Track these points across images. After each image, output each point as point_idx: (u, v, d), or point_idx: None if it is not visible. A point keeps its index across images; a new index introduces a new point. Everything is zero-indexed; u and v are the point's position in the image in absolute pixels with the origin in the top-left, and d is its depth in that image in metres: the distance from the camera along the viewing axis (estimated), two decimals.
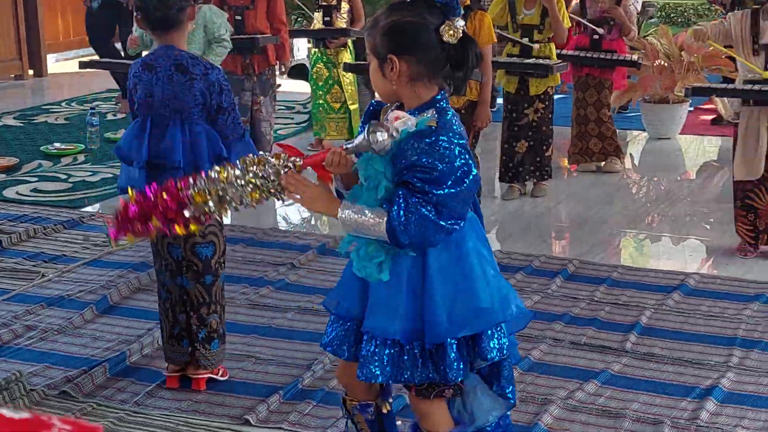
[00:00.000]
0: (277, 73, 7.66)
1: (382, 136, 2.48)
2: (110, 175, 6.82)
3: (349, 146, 2.68)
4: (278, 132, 8.10)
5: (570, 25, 6.56)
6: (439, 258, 2.67)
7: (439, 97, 2.71)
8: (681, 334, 4.50)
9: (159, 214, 2.72)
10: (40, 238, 5.84)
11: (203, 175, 2.75)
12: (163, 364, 4.04)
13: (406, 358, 2.69)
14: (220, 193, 2.71)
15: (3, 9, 10.63)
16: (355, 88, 7.97)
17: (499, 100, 7.23)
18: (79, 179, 7.07)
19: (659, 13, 12.09)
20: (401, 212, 2.53)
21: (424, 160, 2.56)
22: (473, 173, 2.66)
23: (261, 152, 2.96)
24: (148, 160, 3.73)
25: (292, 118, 9.05)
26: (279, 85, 8.10)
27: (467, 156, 2.65)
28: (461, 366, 2.66)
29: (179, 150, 3.72)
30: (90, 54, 9.98)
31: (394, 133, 2.49)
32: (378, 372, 2.69)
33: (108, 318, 4.73)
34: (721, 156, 7.54)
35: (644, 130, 8.21)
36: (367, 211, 2.61)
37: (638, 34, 8.00)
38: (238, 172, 2.70)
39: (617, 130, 7.34)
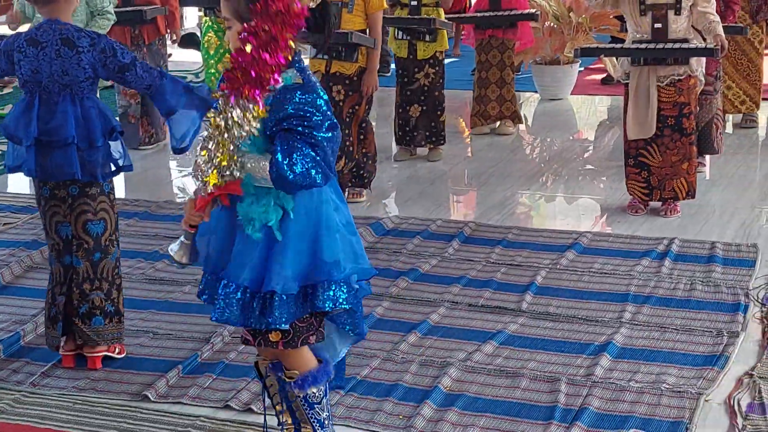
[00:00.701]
0: (168, 42, 7.57)
1: None
2: None
3: None
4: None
5: None
6: (298, 210, 2.82)
7: (297, 57, 2.86)
8: (575, 293, 4.55)
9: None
10: None
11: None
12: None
13: (254, 305, 2.83)
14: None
15: None
16: None
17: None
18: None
19: None
20: (285, 154, 2.69)
21: (301, 109, 2.73)
22: (337, 126, 2.86)
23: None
24: (38, 138, 3.65)
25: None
26: (170, 55, 8.01)
27: (331, 109, 2.88)
28: (284, 314, 2.80)
29: (72, 125, 3.65)
30: None
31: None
32: (228, 315, 2.84)
33: (1, 298, 4.64)
34: (611, 115, 7.64)
35: (536, 91, 8.27)
36: (256, 157, 2.79)
37: None
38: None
39: (516, 94, 7.37)
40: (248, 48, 2.71)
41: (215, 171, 2.75)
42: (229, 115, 2.72)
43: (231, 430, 3.44)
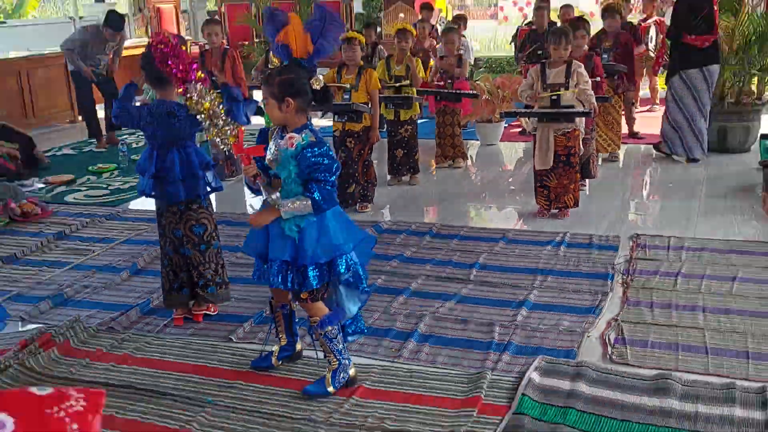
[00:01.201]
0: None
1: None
2: (134, 184, 6.64)
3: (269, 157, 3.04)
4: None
5: (425, 75, 6.61)
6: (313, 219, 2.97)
7: (308, 122, 3.04)
8: (504, 268, 4.56)
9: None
10: (91, 228, 5.68)
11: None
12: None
13: (290, 274, 3.00)
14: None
15: (60, 76, 10.30)
16: None
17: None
18: (115, 187, 6.89)
19: (485, 65, 12.21)
20: (318, 194, 2.88)
21: (319, 160, 2.89)
22: (339, 164, 3.02)
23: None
24: (156, 174, 3.68)
25: (253, 138, 8.88)
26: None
27: (334, 155, 3.07)
28: (316, 279, 3.00)
29: (177, 167, 3.69)
30: None
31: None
32: (276, 280, 3.01)
33: (137, 277, 4.65)
34: (525, 155, 7.63)
35: (477, 139, 8.27)
36: (296, 200, 2.91)
37: (472, 79, 8.07)
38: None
39: (464, 141, 7.37)
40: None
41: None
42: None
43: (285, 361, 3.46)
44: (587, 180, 6.25)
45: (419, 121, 6.67)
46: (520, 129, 8.67)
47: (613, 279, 4.29)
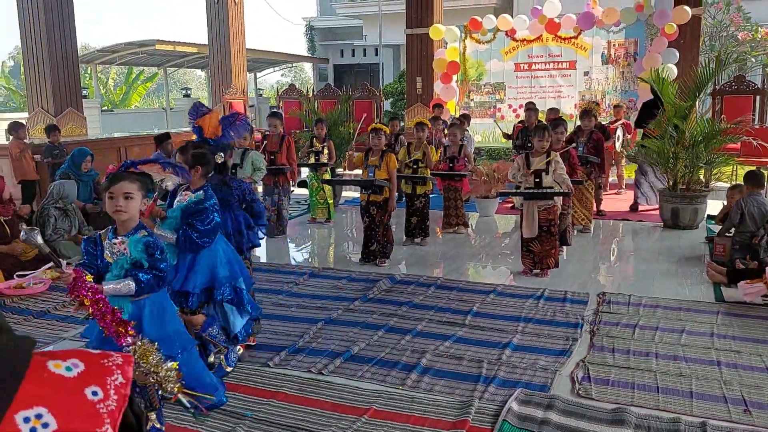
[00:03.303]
0: (291, 185, 7.68)
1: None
2: None
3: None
4: (291, 214, 8.05)
5: (438, 158, 6.68)
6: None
7: (207, 185, 3.33)
8: (493, 315, 4.50)
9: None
10: None
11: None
12: None
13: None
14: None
15: (150, 152, 10.53)
16: (331, 192, 7.97)
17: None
18: None
19: (486, 154, 12.30)
20: (195, 233, 3.15)
21: (202, 211, 3.18)
22: (218, 219, 3.24)
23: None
24: None
25: (299, 207, 9.01)
26: (293, 191, 8.13)
27: (218, 211, 3.27)
28: (197, 301, 3.29)
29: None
30: None
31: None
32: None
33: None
34: (515, 224, 7.61)
35: (477, 211, 8.29)
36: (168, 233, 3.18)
37: (473, 164, 8.13)
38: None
39: (465, 213, 7.39)
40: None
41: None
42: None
43: (311, 384, 3.42)
44: (564, 247, 6.20)
45: (431, 196, 6.70)
46: (511, 205, 8.67)
47: (582, 328, 4.21)
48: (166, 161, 2.79)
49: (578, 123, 7.44)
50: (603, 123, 8.68)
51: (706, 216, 7.30)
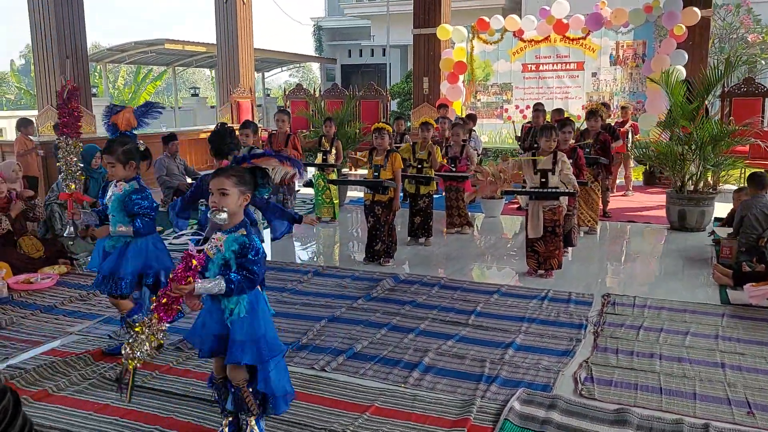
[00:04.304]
0: (298, 184, 7.67)
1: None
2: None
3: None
4: (297, 213, 8.02)
5: (442, 159, 6.67)
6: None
7: (137, 176, 3.46)
8: (497, 316, 4.48)
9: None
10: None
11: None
12: None
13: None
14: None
15: (156, 151, 10.59)
16: (336, 191, 7.98)
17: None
18: (192, 237, 6.98)
19: (493, 154, 12.28)
20: (139, 223, 3.39)
21: (140, 202, 3.41)
22: (155, 203, 3.43)
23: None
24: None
25: (305, 206, 9.00)
26: (298, 191, 8.15)
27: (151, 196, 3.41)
28: (128, 286, 3.45)
29: None
30: None
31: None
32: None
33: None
34: (521, 225, 7.58)
35: (483, 212, 8.28)
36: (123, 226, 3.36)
37: (480, 164, 8.12)
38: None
39: (469, 213, 7.39)
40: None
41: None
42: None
43: (314, 381, 3.42)
44: (569, 248, 6.18)
45: (435, 196, 6.69)
46: (516, 205, 8.66)
47: (586, 329, 4.20)
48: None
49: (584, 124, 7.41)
50: (610, 124, 8.64)
51: (713, 218, 7.25)
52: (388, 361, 3.65)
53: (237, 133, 5.57)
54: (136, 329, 2.44)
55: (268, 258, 6.10)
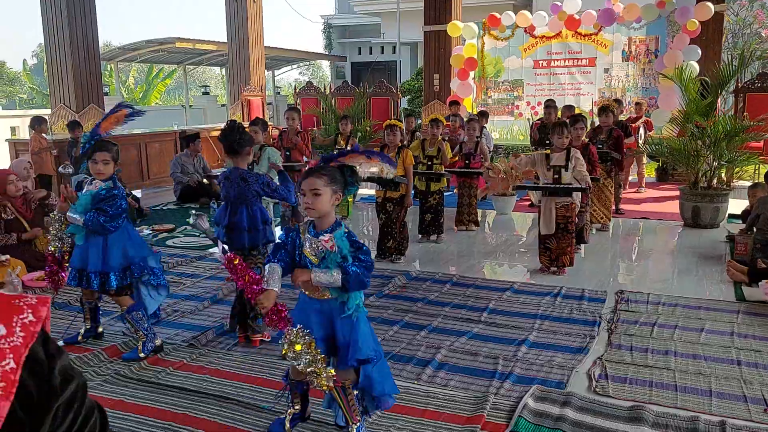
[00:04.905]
0: None
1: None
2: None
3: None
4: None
5: (451, 155, 6.64)
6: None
7: (114, 175, 3.62)
8: (510, 312, 4.47)
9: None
10: (184, 266, 5.79)
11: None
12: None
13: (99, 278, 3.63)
14: None
15: (170, 149, 10.64)
16: None
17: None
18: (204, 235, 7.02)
19: (504, 151, 12.24)
20: (103, 218, 3.48)
21: (112, 197, 3.53)
22: (125, 205, 3.56)
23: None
24: (227, 224, 3.75)
25: None
26: None
27: (125, 198, 3.59)
28: (116, 281, 3.61)
29: (244, 220, 3.74)
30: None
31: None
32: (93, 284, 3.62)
33: (216, 306, 4.68)
34: (533, 222, 7.57)
35: (494, 209, 8.25)
36: (77, 216, 3.48)
37: (491, 161, 8.09)
38: None
39: (479, 210, 7.36)
40: None
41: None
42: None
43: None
44: (582, 245, 6.16)
45: (446, 193, 6.67)
46: (528, 202, 8.61)
47: (599, 326, 4.18)
48: (370, 151, 2.64)
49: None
50: (622, 120, 8.59)
51: (727, 215, 7.19)
52: (401, 359, 3.65)
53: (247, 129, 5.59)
54: (297, 349, 2.43)
55: None
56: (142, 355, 3.67)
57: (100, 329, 4.02)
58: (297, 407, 2.87)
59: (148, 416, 3.02)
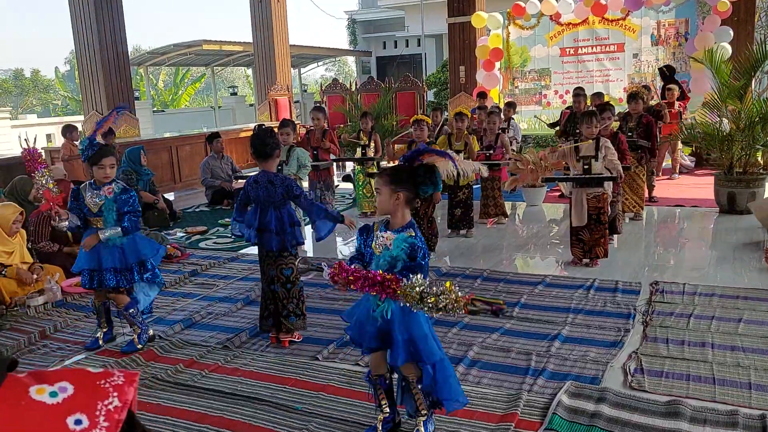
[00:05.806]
0: (336, 179, 7.69)
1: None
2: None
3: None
4: (336, 208, 8.06)
5: (479, 148, 6.59)
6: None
7: (116, 176, 3.87)
8: (542, 307, 4.43)
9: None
10: (217, 268, 5.86)
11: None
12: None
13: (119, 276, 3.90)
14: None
15: (200, 151, 10.77)
16: None
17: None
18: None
19: (533, 142, 12.09)
20: (127, 223, 3.80)
21: (128, 201, 3.80)
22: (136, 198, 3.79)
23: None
24: (258, 227, 3.77)
25: (344, 201, 9.02)
26: (338, 186, 8.16)
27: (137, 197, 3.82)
28: (113, 279, 3.85)
29: (273, 222, 3.76)
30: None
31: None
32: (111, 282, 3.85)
33: (249, 307, 4.72)
34: (564, 214, 7.48)
35: (524, 200, 8.17)
36: (113, 229, 3.80)
37: (519, 152, 7.99)
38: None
39: (506, 202, 7.29)
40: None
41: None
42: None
43: (359, 377, 3.44)
44: (615, 235, 6.06)
45: (474, 186, 6.62)
46: (559, 193, 8.51)
47: (634, 318, 4.11)
48: (442, 151, 2.59)
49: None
50: (653, 106, 8.40)
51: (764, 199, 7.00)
52: None
53: (277, 131, 5.62)
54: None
55: (310, 254, 6.16)
56: (139, 346, 3.92)
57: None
58: (387, 410, 2.78)
59: (184, 419, 3.07)
